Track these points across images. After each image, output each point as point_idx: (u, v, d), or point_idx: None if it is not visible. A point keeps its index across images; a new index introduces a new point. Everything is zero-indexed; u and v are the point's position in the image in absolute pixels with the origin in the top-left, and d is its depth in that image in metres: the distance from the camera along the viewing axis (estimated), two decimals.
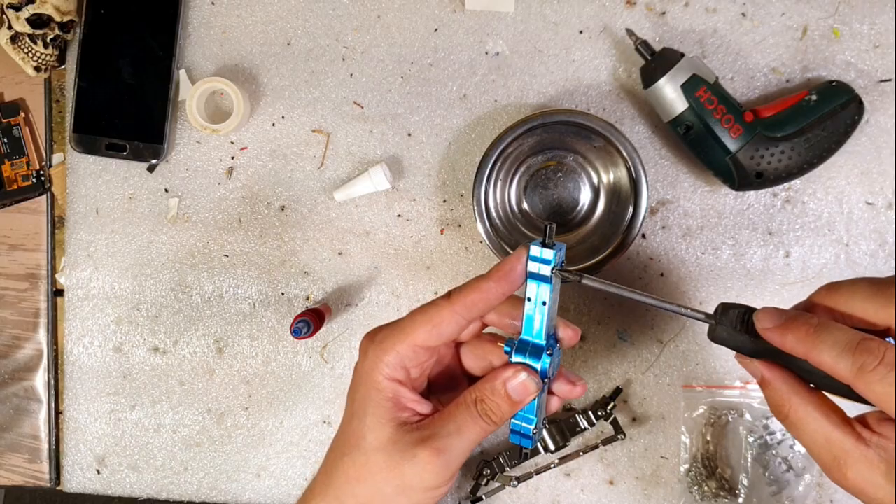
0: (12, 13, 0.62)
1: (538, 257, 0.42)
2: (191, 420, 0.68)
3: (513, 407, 0.44)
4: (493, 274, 0.43)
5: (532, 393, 0.44)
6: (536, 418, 0.45)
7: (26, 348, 0.68)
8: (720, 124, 0.58)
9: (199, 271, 0.67)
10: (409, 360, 0.45)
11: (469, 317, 0.44)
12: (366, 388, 0.45)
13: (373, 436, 0.45)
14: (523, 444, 0.46)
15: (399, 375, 0.45)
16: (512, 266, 0.43)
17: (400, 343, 0.44)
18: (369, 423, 0.45)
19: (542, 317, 0.43)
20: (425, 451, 0.43)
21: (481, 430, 0.44)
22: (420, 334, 0.44)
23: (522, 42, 0.64)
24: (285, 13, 0.65)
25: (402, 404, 0.45)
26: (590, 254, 0.61)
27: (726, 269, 0.64)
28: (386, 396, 0.45)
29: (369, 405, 0.45)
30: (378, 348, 0.45)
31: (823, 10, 0.63)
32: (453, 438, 0.44)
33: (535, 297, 0.43)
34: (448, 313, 0.44)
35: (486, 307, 0.44)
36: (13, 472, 0.69)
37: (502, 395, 0.44)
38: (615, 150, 0.60)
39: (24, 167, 0.67)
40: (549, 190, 0.63)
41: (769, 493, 0.64)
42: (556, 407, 0.47)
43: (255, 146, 0.66)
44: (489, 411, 0.44)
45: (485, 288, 0.43)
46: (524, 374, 0.44)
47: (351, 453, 0.46)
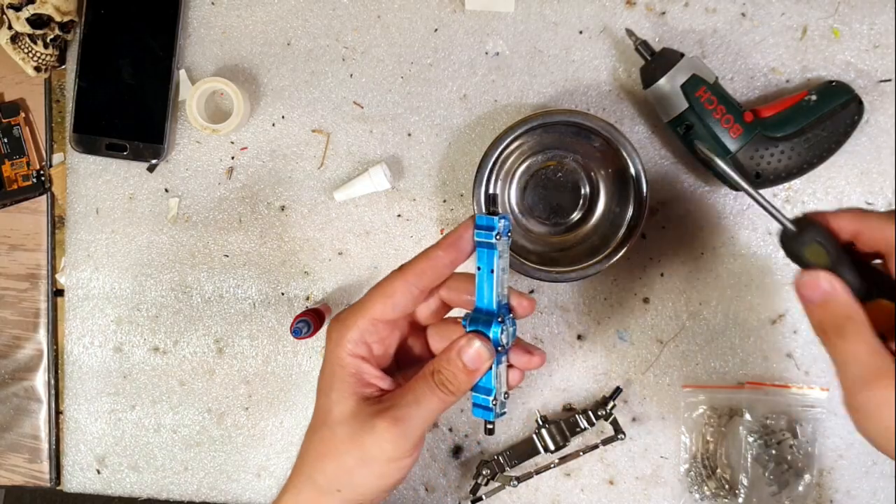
0: (12, 13, 0.62)
1: (483, 225, 0.44)
2: (191, 420, 0.68)
3: (468, 375, 0.44)
4: (442, 242, 0.45)
5: (486, 360, 0.44)
6: (494, 389, 0.45)
7: (26, 348, 0.68)
8: (720, 124, 0.58)
9: (199, 271, 0.67)
10: (370, 334, 0.46)
11: (420, 285, 0.45)
12: (331, 365, 0.47)
13: (337, 410, 0.46)
14: (485, 417, 0.46)
15: (361, 351, 0.46)
16: (459, 234, 0.45)
17: (360, 319, 0.46)
18: (334, 398, 0.46)
19: (491, 284, 0.44)
20: (383, 420, 0.44)
21: (439, 400, 0.44)
22: (377, 307, 0.45)
23: (522, 42, 0.64)
24: (285, 13, 0.66)
25: (365, 380, 0.46)
26: (590, 254, 0.61)
27: (726, 269, 0.64)
28: (349, 372, 0.46)
29: (334, 381, 0.46)
30: (341, 326, 0.46)
31: (823, 10, 0.63)
32: (411, 408, 0.44)
33: (484, 265, 0.45)
34: (400, 283, 0.45)
35: (437, 275, 0.45)
36: (13, 472, 0.69)
37: (457, 364, 0.44)
38: (615, 150, 0.60)
39: (24, 167, 0.67)
40: (549, 190, 0.63)
41: (769, 493, 0.64)
42: (517, 380, 0.48)
43: (255, 146, 0.66)
44: (445, 381, 0.44)
45: (433, 256, 0.45)
46: (477, 342, 0.44)
47: (319, 430, 0.47)
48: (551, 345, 0.65)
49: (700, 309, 0.65)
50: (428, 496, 0.66)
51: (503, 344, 0.45)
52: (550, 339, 0.65)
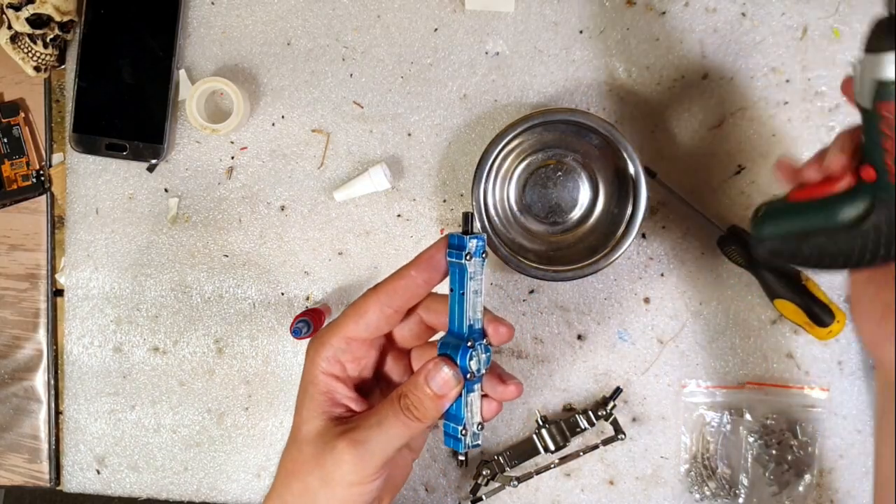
0: (12, 13, 0.62)
1: (455, 244, 0.42)
2: (191, 420, 0.68)
3: (435, 402, 0.42)
4: (415, 261, 0.43)
5: (454, 387, 0.42)
6: (464, 417, 0.43)
7: (26, 348, 0.68)
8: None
9: (199, 271, 0.67)
10: (342, 353, 0.45)
11: (393, 305, 0.44)
12: (305, 383, 0.46)
13: (305, 428, 0.45)
14: (455, 447, 0.44)
15: (334, 370, 0.45)
16: (432, 254, 0.43)
17: (333, 337, 0.45)
18: (304, 415, 0.45)
19: (462, 307, 0.42)
20: (342, 441, 0.42)
21: (403, 425, 0.43)
22: (349, 326, 0.44)
23: (522, 42, 0.64)
24: (285, 13, 0.66)
25: (336, 399, 0.45)
26: (589, 253, 0.61)
27: (726, 269, 0.64)
28: (320, 390, 0.45)
29: (306, 399, 0.45)
30: (316, 343, 0.46)
31: (823, 10, 0.63)
32: (373, 431, 0.43)
33: (456, 287, 0.43)
34: (373, 302, 0.44)
35: (410, 295, 0.44)
36: (13, 472, 0.69)
37: (424, 389, 0.42)
38: (615, 150, 0.60)
39: (24, 167, 0.67)
40: (549, 189, 0.63)
41: (769, 493, 0.64)
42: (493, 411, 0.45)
43: (255, 146, 0.66)
44: (412, 406, 0.43)
45: (406, 275, 0.43)
46: (445, 367, 0.42)
47: (289, 447, 0.46)
48: (551, 345, 0.65)
49: (700, 309, 0.65)
50: (428, 496, 0.66)
51: (472, 371, 0.42)
52: (550, 339, 0.65)
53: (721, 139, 0.63)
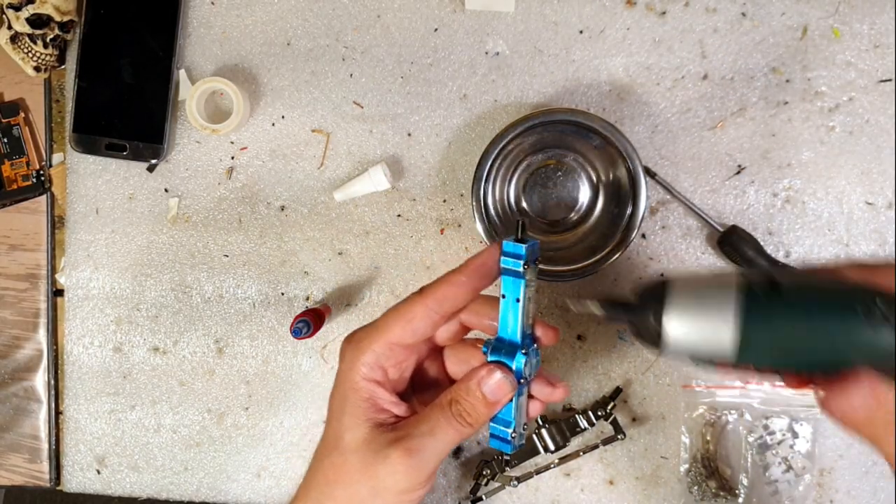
0: (12, 13, 0.62)
1: (510, 252, 0.42)
2: (191, 420, 0.68)
3: (488, 408, 0.42)
4: (465, 268, 0.42)
5: (508, 393, 0.42)
6: (514, 421, 0.43)
7: (26, 348, 0.68)
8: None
9: (199, 271, 0.67)
10: (386, 359, 0.44)
11: (441, 311, 0.43)
12: (343, 388, 0.45)
13: (349, 436, 0.44)
14: (503, 449, 0.44)
15: (376, 375, 0.44)
16: (483, 261, 0.42)
17: (375, 342, 0.44)
18: (346, 423, 0.44)
19: (517, 314, 0.42)
20: (397, 451, 0.42)
21: (455, 431, 0.42)
22: (395, 331, 0.43)
23: (522, 42, 0.64)
24: (285, 13, 0.66)
25: (379, 405, 0.44)
26: (588, 253, 0.61)
27: (727, 268, 0.64)
28: (362, 397, 0.44)
29: (346, 406, 0.44)
30: (355, 349, 0.44)
31: (823, 10, 0.63)
32: (426, 439, 0.42)
33: (509, 293, 0.42)
34: (420, 308, 0.43)
35: (459, 302, 0.43)
36: (13, 472, 0.69)
37: (477, 395, 0.42)
38: (615, 150, 0.60)
39: (24, 167, 0.67)
40: (549, 189, 0.63)
41: (769, 492, 0.64)
42: (537, 411, 0.45)
43: (255, 146, 0.66)
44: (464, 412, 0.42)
45: (456, 282, 0.42)
46: (499, 374, 0.42)
47: (330, 455, 0.45)
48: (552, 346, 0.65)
49: None
50: (428, 496, 0.66)
51: (526, 376, 0.43)
52: None
53: (721, 139, 0.63)
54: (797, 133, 0.63)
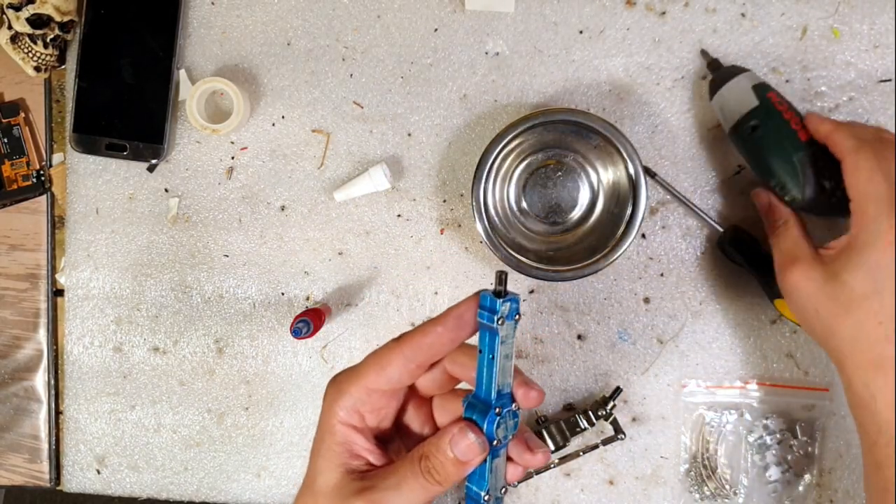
0: (12, 13, 0.62)
1: (486, 306, 0.40)
2: (191, 420, 0.68)
3: (458, 468, 0.41)
4: (443, 318, 0.41)
5: (479, 454, 0.41)
6: (487, 483, 0.42)
7: (26, 348, 0.68)
8: (790, 125, 0.56)
9: (199, 271, 0.67)
10: (363, 403, 0.43)
11: (417, 361, 0.42)
12: (322, 430, 0.44)
13: (322, 479, 0.43)
14: None
15: (353, 420, 0.44)
16: (460, 312, 0.41)
17: (353, 386, 0.43)
18: (320, 466, 0.44)
19: (491, 372, 0.40)
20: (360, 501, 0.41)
21: (421, 488, 0.41)
22: (370, 376, 0.43)
23: (522, 42, 0.64)
24: (285, 13, 0.66)
25: (354, 451, 0.44)
26: (588, 253, 0.61)
27: (726, 269, 0.64)
28: (337, 441, 0.43)
29: (322, 448, 0.44)
30: (335, 391, 0.44)
31: (823, 10, 0.63)
32: (391, 493, 0.41)
33: (485, 349, 0.40)
34: (396, 356, 0.42)
35: (435, 352, 0.42)
36: (13, 472, 0.69)
37: (447, 454, 0.41)
38: (615, 150, 0.60)
39: (24, 167, 0.67)
40: (549, 189, 0.63)
41: (769, 492, 0.64)
42: (517, 476, 0.44)
43: (255, 146, 0.66)
44: (432, 469, 0.41)
45: (432, 332, 0.41)
46: (471, 435, 0.41)
47: (304, 495, 0.44)
48: (551, 345, 0.65)
49: (700, 309, 0.65)
50: None
51: (499, 438, 0.41)
52: (550, 339, 0.65)
53: (721, 139, 0.63)
54: None
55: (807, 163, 0.55)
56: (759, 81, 0.58)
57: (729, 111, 0.58)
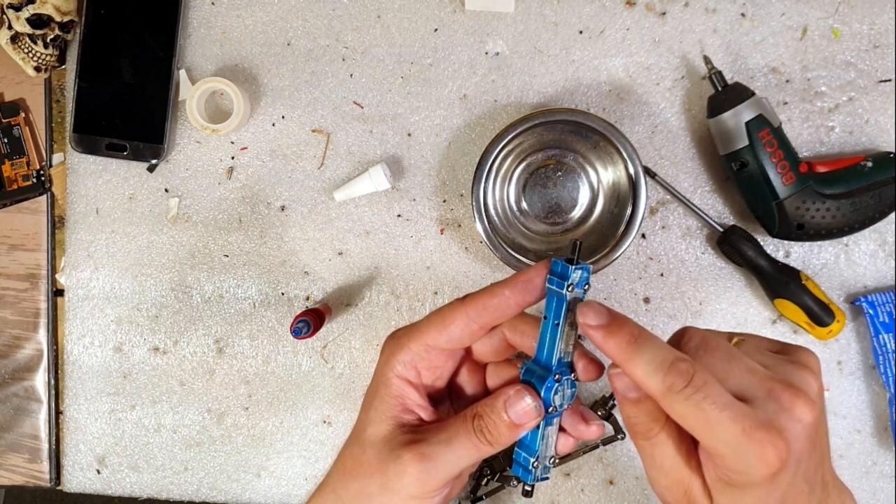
0: (12, 13, 0.62)
1: (557, 272, 0.40)
2: (191, 420, 0.68)
3: (510, 430, 0.41)
4: (510, 281, 0.41)
5: (534, 419, 0.41)
6: (538, 451, 0.42)
7: (26, 348, 0.68)
8: (775, 168, 0.58)
9: (200, 271, 0.67)
10: (421, 360, 0.43)
11: (480, 321, 0.42)
12: (377, 382, 0.45)
13: (372, 429, 0.44)
14: (523, 478, 0.43)
15: (409, 375, 0.44)
16: (529, 277, 0.41)
17: (413, 342, 0.43)
18: (372, 416, 0.44)
19: (554, 338, 0.40)
20: (409, 452, 0.41)
21: (473, 446, 0.41)
22: (432, 334, 0.43)
23: (522, 42, 0.64)
24: (285, 13, 0.66)
25: (407, 406, 0.44)
26: (588, 253, 0.61)
27: (726, 269, 0.64)
28: (392, 393, 0.44)
29: (375, 400, 0.44)
30: (394, 345, 0.44)
31: (823, 10, 0.63)
32: (441, 447, 0.41)
33: (551, 315, 0.40)
34: (460, 315, 0.42)
35: (499, 315, 0.42)
36: (13, 472, 0.69)
37: (501, 415, 0.41)
38: (615, 150, 0.60)
39: (24, 167, 0.67)
40: (549, 189, 0.63)
41: None
42: (568, 447, 0.43)
43: (255, 146, 0.66)
44: (485, 429, 0.41)
45: (498, 293, 0.41)
46: (528, 397, 0.40)
47: (351, 445, 0.45)
48: None
49: (700, 309, 0.65)
50: None
51: (555, 405, 0.41)
52: None
53: None
54: (797, 133, 0.63)
55: (783, 208, 0.59)
56: (755, 115, 0.58)
57: (721, 140, 0.60)
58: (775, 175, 0.58)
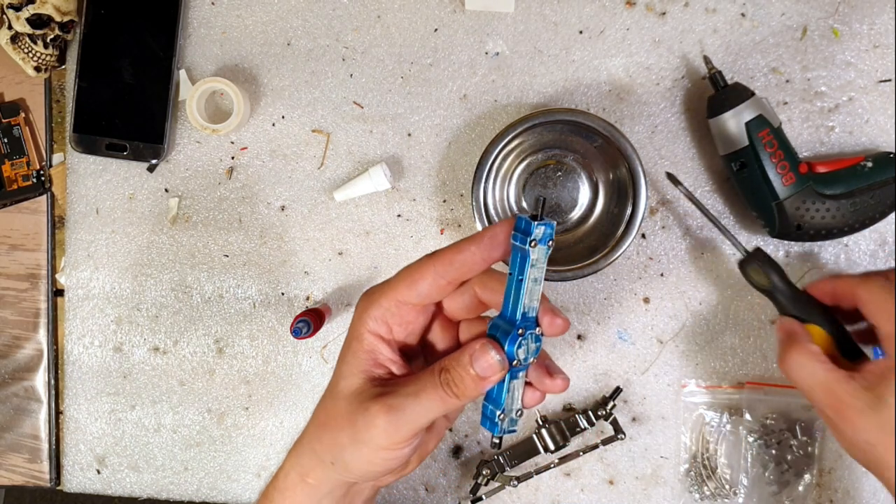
0: (12, 13, 0.62)
1: (521, 228, 0.41)
2: (191, 420, 0.68)
3: (476, 383, 0.42)
4: (477, 237, 0.43)
5: (498, 372, 0.42)
6: (504, 404, 0.43)
7: (26, 348, 0.68)
8: (775, 169, 0.58)
9: (199, 271, 0.67)
10: (392, 315, 0.44)
11: (448, 276, 0.43)
12: (350, 337, 0.46)
13: (344, 383, 0.45)
14: (490, 430, 0.44)
15: (380, 330, 0.45)
16: (495, 233, 0.42)
17: (384, 297, 0.44)
18: (344, 370, 0.45)
19: (520, 293, 0.41)
20: (377, 404, 0.42)
21: (440, 399, 0.42)
22: (401, 289, 0.44)
23: (522, 42, 0.64)
24: (285, 13, 0.66)
25: (378, 360, 0.45)
26: (588, 253, 0.61)
27: (726, 268, 0.64)
28: (364, 348, 0.45)
29: (348, 354, 0.45)
30: (367, 301, 0.45)
31: (823, 10, 0.63)
32: (409, 399, 0.42)
33: (515, 271, 0.41)
34: (428, 270, 0.43)
35: (467, 270, 0.43)
36: (13, 472, 0.69)
37: (467, 368, 0.42)
38: (615, 150, 0.60)
39: (24, 167, 0.67)
40: (549, 189, 0.63)
41: (769, 492, 0.64)
42: (535, 401, 0.45)
43: (255, 146, 0.66)
44: (451, 382, 0.42)
45: (465, 249, 0.43)
46: (492, 351, 0.42)
47: (325, 399, 0.46)
48: (551, 345, 0.65)
49: (700, 309, 0.65)
50: (428, 496, 0.66)
51: (520, 359, 0.42)
52: (550, 338, 0.65)
53: None
54: (797, 133, 0.63)
55: (783, 209, 0.58)
56: (755, 115, 0.58)
57: (721, 140, 0.60)
58: (775, 175, 0.58)
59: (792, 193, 0.58)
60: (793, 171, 0.58)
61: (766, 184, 0.58)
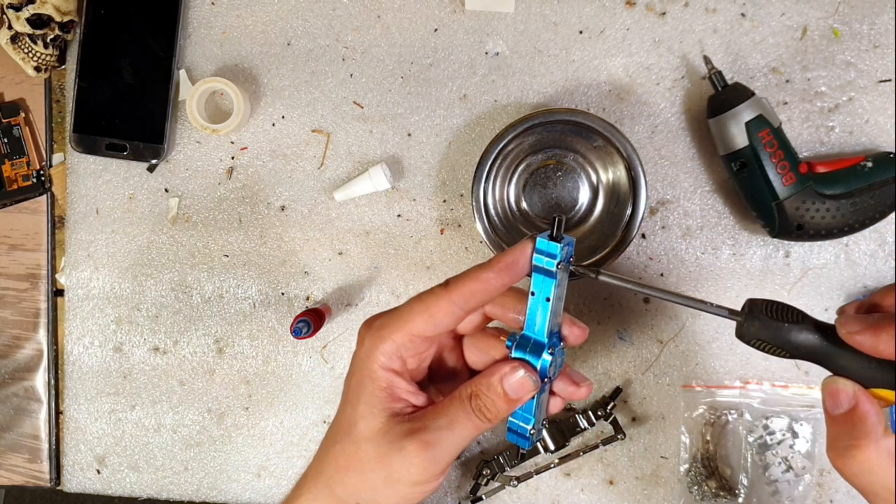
0: (12, 13, 0.62)
1: (544, 250, 0.41)
2: (191, 420, 0.68)
3: (509, 405, 0.42)
4: (495, 264, 0.41)
5: (530, 391, 0.42)
6: (534, 418, 0.43)
7: (26, 348, 0.68)
8: (775, 169, 0.58)
9: (199, 271, 0.67)
10: (406, 349, 0.44)
11: (466, 307, 0.42)
12: (360, 375, 0.44)
13: (364, 424, 0.43)
14: (520, 444, 0.44)
15: (395, 365, 0.44)
16: (515, 258, 0.41)
17: (396, 332, 0.43)
18: (361, 411, 0.44)
19: (545, 313, 0.42)
20: (413, 443, 0.42)
21: (474, 426, 0.42)
22: (417, 323, 0.43)
23: (522, 42, 0.64)
24: (285, 13, 0.66)
25: (396, 395, 0.44)
26: (588, 253, 0.61)
27: (726, 269, 0.64)
28: (380, 386, 0.44)
29: (362, 394, 0.44)
30: (375, 336, 0.44)
31: (823, 10, 0.63)
32: (444, 433, 0.42)
33: (539, 291, 0.42)
34: (445, 303, 0.42)
35: (485, 298, 0.42)
36: (13, 472, 0.69)
37: (498, 391, 0.42)
38: (615, 150, 0.60)
39: (24, 167, 0.67)
40: (549, 189, 0.63)
41: (769, 492, 0.64)
42: (558, 408, 0.46)
43: (255, 146, 0.66)
44: (483, 407, 0.42)
45: (484, 279, 0.41)
46: (522, 372, 0.42)
47: (342, 441, 0.45)
48: None
49: None
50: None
51: (550, 376, 0.43)
52: None
53: None
54: (797, 133, 0.63)
55: (783, 209, 0.58)
56: (755, 115, 0.58)
57: (721, 140, 0.60)
58: (775, 175, 0.58)
59: (792, 193, 0.58)
60: (793, 171, 0.58)
61: (766, 184, 0.58)
